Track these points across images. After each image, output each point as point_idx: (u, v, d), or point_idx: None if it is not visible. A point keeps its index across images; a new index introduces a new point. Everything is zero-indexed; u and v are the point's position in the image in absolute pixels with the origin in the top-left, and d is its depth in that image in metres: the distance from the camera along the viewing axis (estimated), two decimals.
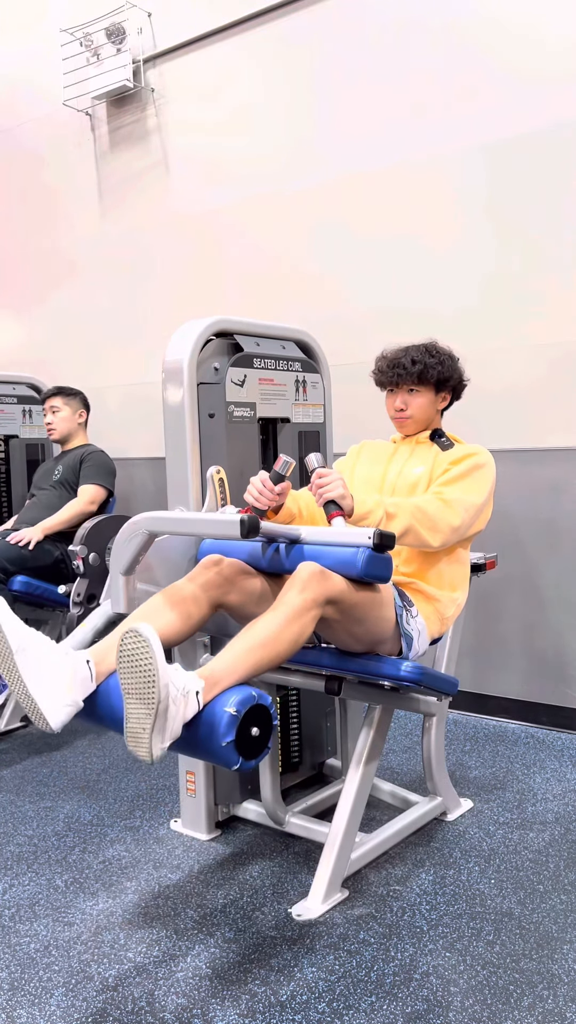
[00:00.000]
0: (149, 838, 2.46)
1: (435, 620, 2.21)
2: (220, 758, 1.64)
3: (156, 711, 1.56)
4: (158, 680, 1.54)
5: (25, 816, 2.62)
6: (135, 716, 1.59)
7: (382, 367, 2.36)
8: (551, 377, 3.20)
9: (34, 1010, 1.73)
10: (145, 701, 1.57)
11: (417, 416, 2.34)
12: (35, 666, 1.72)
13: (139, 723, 1.59)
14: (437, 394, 2.35)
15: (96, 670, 1.82)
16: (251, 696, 1.66)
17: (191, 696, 1.63)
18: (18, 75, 4.75)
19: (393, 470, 2.33)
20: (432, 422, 2.39)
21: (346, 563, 1.91)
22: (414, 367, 2.29)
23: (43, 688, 1.71)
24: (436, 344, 2.36)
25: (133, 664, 1.57)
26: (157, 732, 1.58)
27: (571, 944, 1.90)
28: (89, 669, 1.80)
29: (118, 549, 2.03)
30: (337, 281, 3.69)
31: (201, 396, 2.39)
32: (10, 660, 1.69)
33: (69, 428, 3.67)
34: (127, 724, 1.61)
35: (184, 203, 4.16)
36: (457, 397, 2.43)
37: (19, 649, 1.71)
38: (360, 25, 3.54)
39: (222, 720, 1.62)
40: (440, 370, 2.31)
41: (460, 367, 2.38)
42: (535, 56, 3.14)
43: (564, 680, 3.23)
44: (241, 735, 1.63)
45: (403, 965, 1.84)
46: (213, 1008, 1.71)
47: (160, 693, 1.55)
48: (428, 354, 2.31)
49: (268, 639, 1.78)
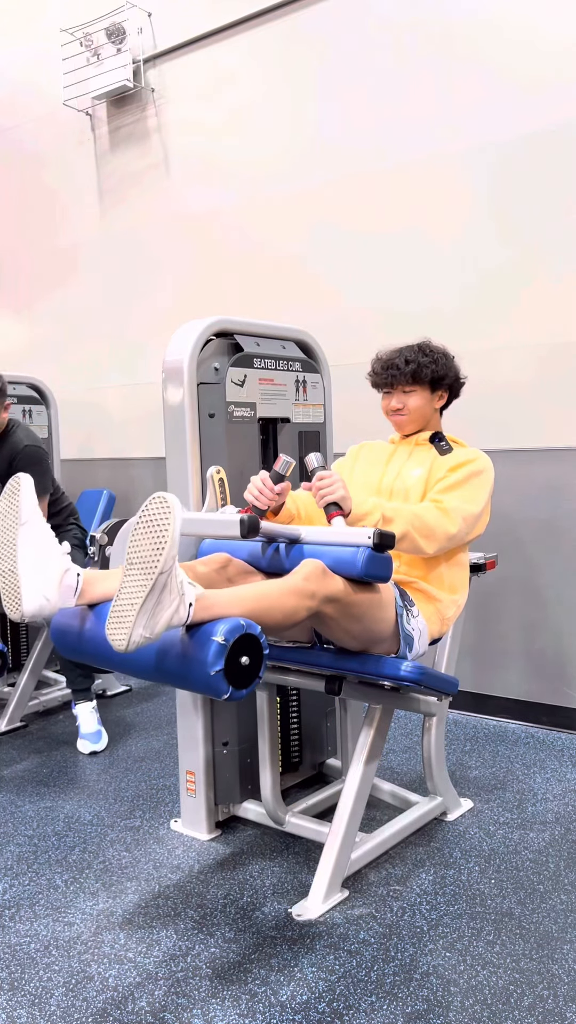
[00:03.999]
0: (149, 838, 2.46)
1: (436, 620, 2.21)
2: (210, 687, 1.63)
3: (152, 584, 1.53)
4: (167, 551, 1.52)
5: (25, 816, 2.62)
6: (129, 590, 1.56)
7: (376, 368, 2.36)
8: (551, 377, 3.20)
9: (34, 1010, 1.73)
10: (146, 571, 1.54)
11: (414, 415, 2.34)
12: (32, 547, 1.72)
13: (130, 597, 1.55)
14: (433, 393, 2.35)
15: (82, 588, 1.81)
16: (240, 625, 1.64)
17: (185, 602, 1.62)
18: (18, 75, 4.75)
19: (391, 472, 2.32)
20: (430, 421, 2.38)
21: (346, 563, 1.91)
22: (408, 367, 2.29)
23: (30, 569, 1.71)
24: (430, 343, 2.36)
25: (148, 528, 1.55)
26: (144, 613, 1.55)
27: (571, 944, 1.90)
28: (77, 581, 1.80)
29: (119, 548, 2.03)
30: (337, 281, 3.69)
31: (201, 396, 2.39)
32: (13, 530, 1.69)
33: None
34: (116, 599, 1.58)
35: (184, 203, 4.16)
36: (455, 395, 2.42)
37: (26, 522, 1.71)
38: (361, 25, 3.54)
39: (210, 649, 1.61)
40: (434, 368, 2.30)
41: (455, 365, 2.37)
42: (536, 57, 3.14)
43: (564, 680, 3.23)
44: (231, 664, 1.62)
45: (403, 965, 1.84)
46: (213, 1008, 1.72)
47: (164, 564, 1.53)
48: (421, 353, 2.31)
49: (265, 596, 1.78)
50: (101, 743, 3.14)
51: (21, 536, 1.70)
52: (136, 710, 3.58)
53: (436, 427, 2.40)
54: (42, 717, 3.52)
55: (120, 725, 3.40)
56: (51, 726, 3.42)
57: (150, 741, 3.22)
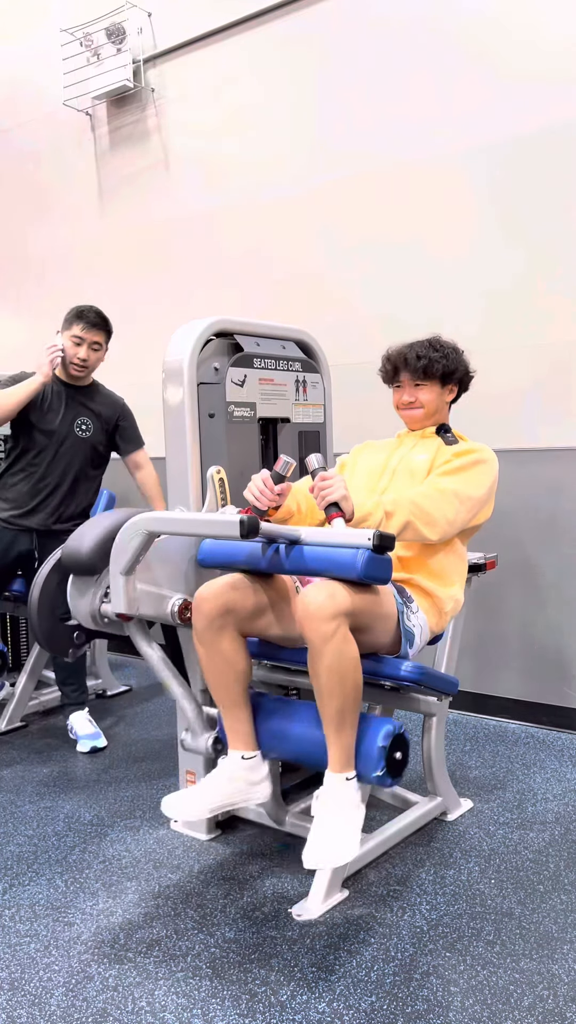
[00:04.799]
0: (149, 838, 2.46)
1: (434, 614, 2.21)
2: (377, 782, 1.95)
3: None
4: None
5: (25, 816, 2.62)
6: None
7: (387, 364, 2.39)
8: (551, 377, 3.20)
9: (34, 1010, 1.73)
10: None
11: (426, 408, 2.36)
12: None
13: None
14: (443, 387, 2.37)
15: None
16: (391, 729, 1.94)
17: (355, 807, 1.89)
18: (18, 75, 4.75)
19: (395, 457, 2.35)
20: (440, 415, 2.40)
21: (346, 565, 1.90)
22: (419, 362, 2.31)
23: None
24: (440, 338, 2.38)
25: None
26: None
27: (571, 944, 1.90)
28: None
29: (118, 549, 2.03)
30: (337, 280, 3.69)
31: (201, 396, 2.39)
32: None
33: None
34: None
35: (184, 203, 4.16)
36: (465, 389, 2.45)
37: None
38: (361, 25, 3.54)
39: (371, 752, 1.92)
40: (445, 363, 2.33)
41: (465, 360, 2.40)
42: (537, 56, 3.14)
43: (564, 680, 3.23)
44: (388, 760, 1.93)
45: (403, 965, 1.84)
46: (213, 1008, 1.72)
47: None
48: (432, 348, 2.33)
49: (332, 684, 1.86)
50: (101, 740, 3.14)
51: None
52: (136, 710, 3.58)
53: (444, 419, 2.42)
54: (42, 717, 3.52)
55: (120, 725, 3.40)
56: (51, 726, 3.42)
57: (150, 741, 3.22)
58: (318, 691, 1.87)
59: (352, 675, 1.85)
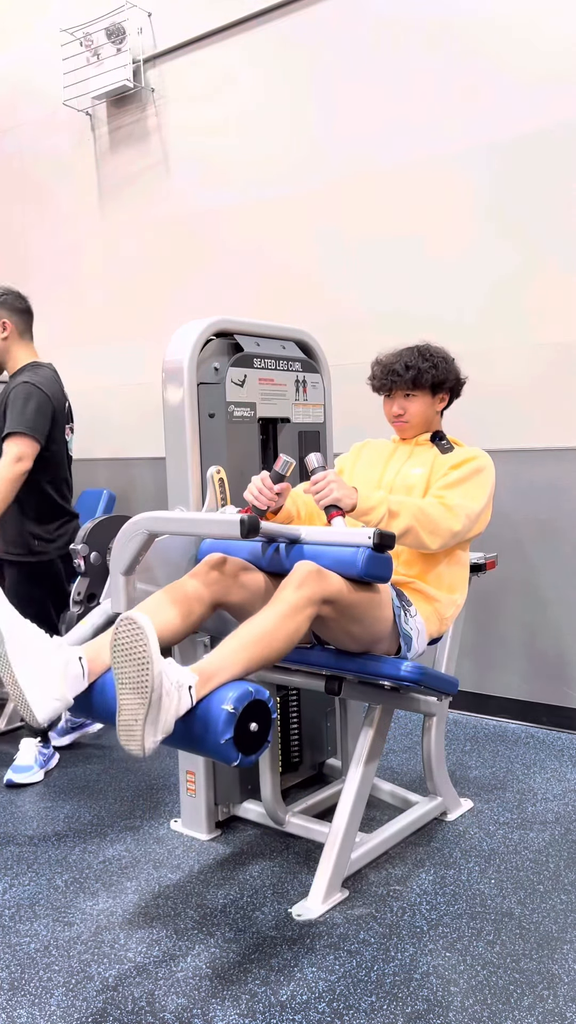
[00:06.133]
0: (149, 838, 2.46)
1: (434, 620, 2.21)
2: (219, 755, 1.64)
3: (149, 701, 1.55)
4: (152, 669, 1.54)
5: (25, 816, 2.62)
6: (128, 707, 1.58)
7: (376, 373, 2.35)
8: (551, 377, 3.20)
9: (34, 1010, 1.73)
10: (138, 691, 1.56)
11: (415, 420, 2.34)
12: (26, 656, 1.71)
13: (132, 714, 1.58)
14: (434, 396, 2.34)
15: (89, 668, 1.81)
16: (248, 692, 1.65)
17: (184, 690, 1.63)
18: (18, 75, 4.75)
19: (391, 471, 2.32)
20: (432, 423, 2.38)
21: (346, 563, 1.91)
22: (408, 372, 2.27)
23: (32, 679, 1.71)
24: (429, 346, 2.34)
25: (127, 653, 1.56)
26: (150, 724, 1.57)
27: (571, 944, 1.90)
28: (82, 666, 1.80)
29: (118, 549, 2.03)
30: (337, 280, 3.69)
31: (201, 396, 2.39)
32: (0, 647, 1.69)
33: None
34: (120, 716, 1.60)
35: (184, 203, 4.16)
36: (456, 396, 2.42)
37: (11, 637, 1.70)
38: (361, 25, 3.54)
39: (220, 717, 1.62)
40: (435, 373, 2.29)
41: (455, 367, 2.36)
42: (537, 56, 3.14)
43: (564, 680, 3.23)
44: (240, 731, 1.63)
45: (403, 965, 1.84)
46: (213, 1008, 1.71)
47: (153, 682, 1.54)
48: (422, 358, 2.29)
49: (263, 635, 1.78)
50: (30, 778, 2.84)
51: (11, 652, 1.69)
52: None
53: (437, 427, 2.40)
54: None
55: None
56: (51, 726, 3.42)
57: None
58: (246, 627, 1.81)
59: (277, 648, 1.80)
